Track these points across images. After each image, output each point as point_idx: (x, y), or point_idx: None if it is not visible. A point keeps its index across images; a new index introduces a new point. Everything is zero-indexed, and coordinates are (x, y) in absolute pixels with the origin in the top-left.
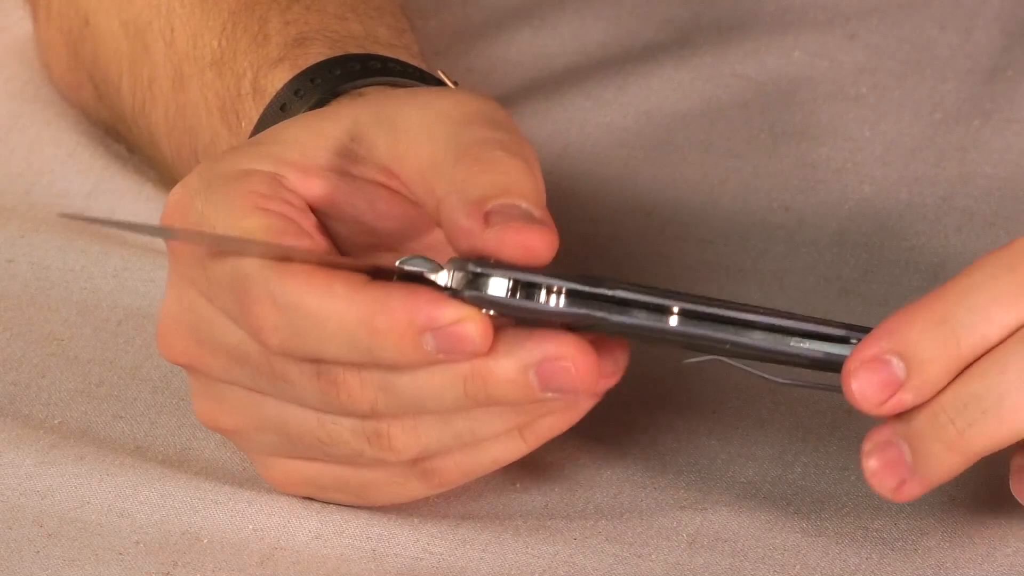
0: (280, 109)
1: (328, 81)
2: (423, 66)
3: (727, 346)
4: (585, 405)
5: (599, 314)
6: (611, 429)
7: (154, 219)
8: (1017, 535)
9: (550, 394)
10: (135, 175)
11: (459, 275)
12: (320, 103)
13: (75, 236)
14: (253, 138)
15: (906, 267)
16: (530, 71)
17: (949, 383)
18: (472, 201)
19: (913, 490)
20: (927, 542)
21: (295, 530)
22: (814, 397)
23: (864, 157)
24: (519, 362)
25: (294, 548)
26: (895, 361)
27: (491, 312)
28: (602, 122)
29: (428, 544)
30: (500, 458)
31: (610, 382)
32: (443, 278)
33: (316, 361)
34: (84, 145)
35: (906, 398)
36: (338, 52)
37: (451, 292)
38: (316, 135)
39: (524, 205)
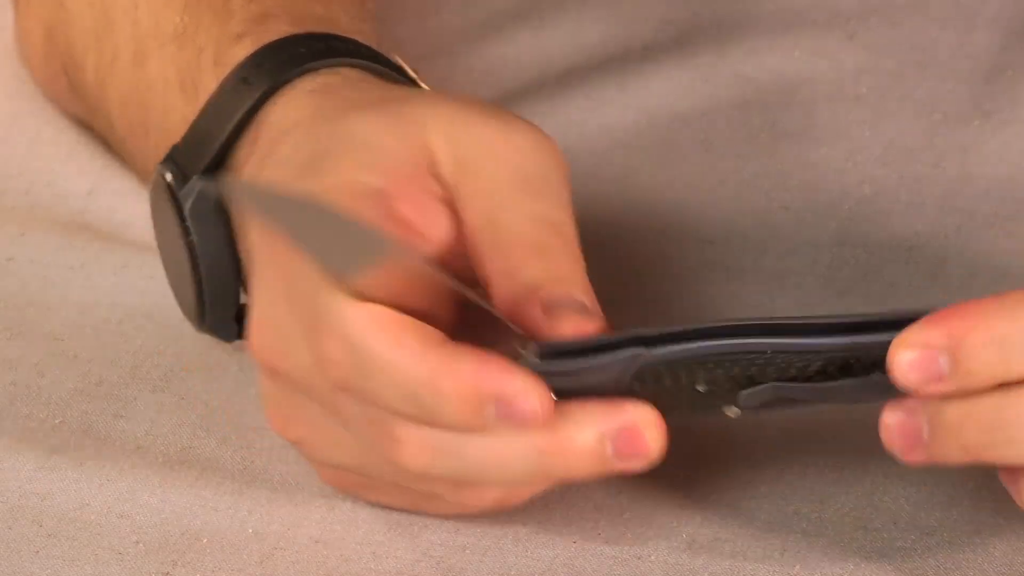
0: (243, 81)
1: (294, 57)
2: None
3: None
4: None
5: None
6: None
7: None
8: (1017, 535)
9: (621, 464)
10: (134, 175)
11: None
12: (283, 81)
13: (75, 234)
14: (334, 129)
15: (906, 267)
16: (529, 70)
17: (990, 392)
18: (525, 286)
19: (919, 459)
20: (927, 542)
21: (295, 534)
22: None
23: (864, 157)
24: (597, 431)
25: (294, 549)
26: (942, 359)
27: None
28: (602, 123)
29: (428, 548)
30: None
31: None
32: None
33: (373, 405)
34: (84, 144)
35: (945, 389)
36: (300, 30)
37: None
38: (405, 143)
39: (578, 296)
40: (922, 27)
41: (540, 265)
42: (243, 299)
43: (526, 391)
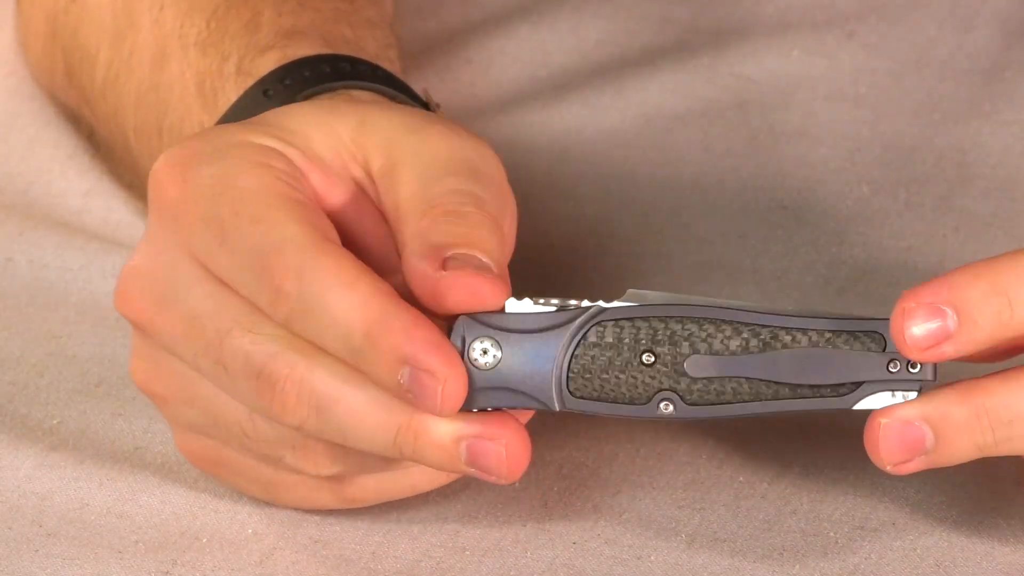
0: (263, 94)
1: (317, 76)
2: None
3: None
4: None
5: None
6: (609, 428)
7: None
8: (1016, 535)
9: (472, 470)
10: (126, 173)
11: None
12: (302, 98)
13: (74, 235)
14: (257, 118)
15: (904, 267)
16: (528, 66)
17: (1001, 387)
18: (432, 245)
19: (915, 468)
20: (926, 542)
21: (295, 534)
22: None
23: (863, 157)
24: (456, 431)
25: (293, 548)
26: (950, 313)
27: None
28: (601, 125)
29: (428, 549)
30: (419, 485)
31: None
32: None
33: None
34: (83, 145)
35: (947, 351)
36: (330, 51)
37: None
38: (325, 131)
39: (483, 258)
40: (921, 27)
41: (452, 229)
42: None
43: (440, 370)
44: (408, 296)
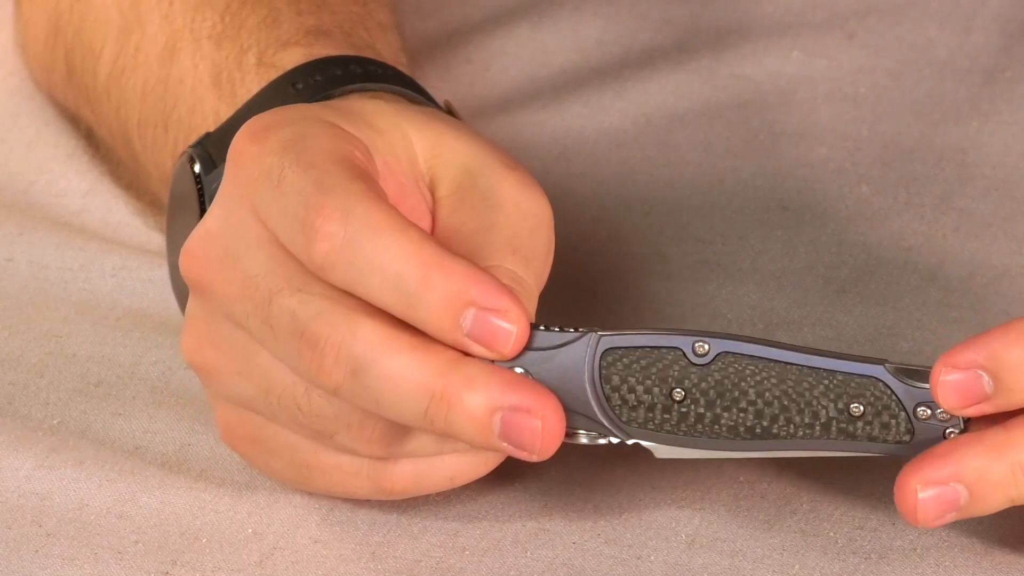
0: (292, 86)
1: (348, 75)
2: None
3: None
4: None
5: None
6: None
7: (149, 215)
8: (1016, 535)
9: (505, 444)
10: (125, 171)
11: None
12: (333, 95)
13: (74, 235)
14: (341, 102)
15: (904, 267)
16: (528, 65)
17: None
18: None
19: (947, 522)
20: (926, 542)
21: (295, 534)
22: None
23: (863, 157)
24: (491, 401)
25: (293, 548)
26: (985, 378)
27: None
28: (601, 125)
29: (428, 549)
30: (457, 477)
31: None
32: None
33: (344, 294)
34: (83, 145)
35: (987, 408)
36: (354, 52)
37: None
38: (405, 141)
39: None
40: (921, 27)
41: None
42: None
43: (510, 311)
44: None
